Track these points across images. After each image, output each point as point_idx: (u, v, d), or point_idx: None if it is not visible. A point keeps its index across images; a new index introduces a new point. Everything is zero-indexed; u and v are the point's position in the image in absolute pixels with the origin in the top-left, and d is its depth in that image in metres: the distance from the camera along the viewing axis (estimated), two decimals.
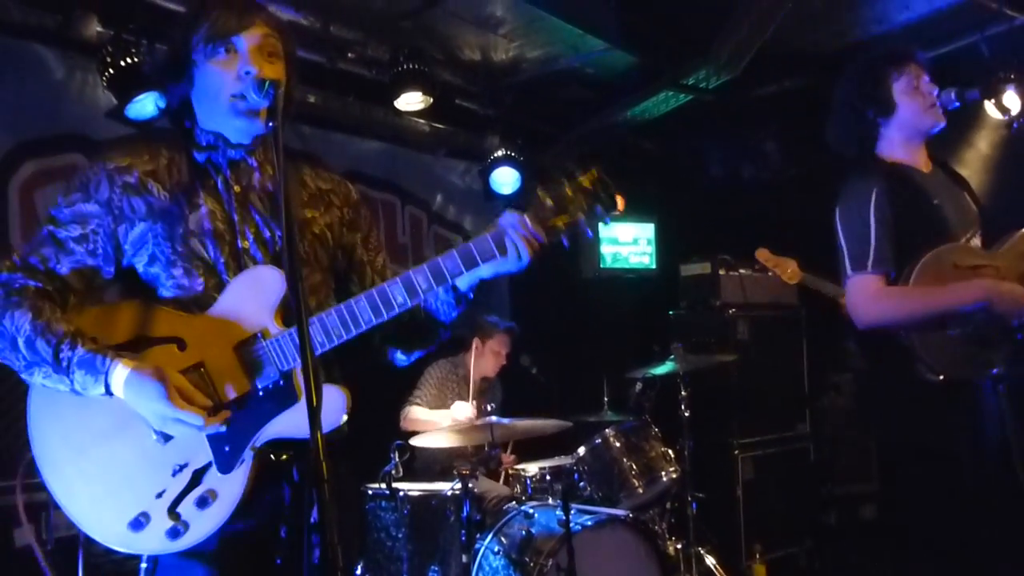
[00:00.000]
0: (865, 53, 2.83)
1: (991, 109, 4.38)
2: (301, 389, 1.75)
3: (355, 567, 2.29)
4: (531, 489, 4.12)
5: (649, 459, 4.16)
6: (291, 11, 4.27)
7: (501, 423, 3.84)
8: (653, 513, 4.14)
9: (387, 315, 1.80)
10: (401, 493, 3.85)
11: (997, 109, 4.32)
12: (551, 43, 5.02)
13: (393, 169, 5.67)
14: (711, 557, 4.30)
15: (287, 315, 1.80)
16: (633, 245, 6.33)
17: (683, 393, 4.46)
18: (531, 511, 3.73)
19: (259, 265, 1.86)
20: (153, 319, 1.82)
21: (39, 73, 4.09)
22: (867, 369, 2.73)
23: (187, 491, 1.76)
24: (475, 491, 3.60)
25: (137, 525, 1.75)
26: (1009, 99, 4.26)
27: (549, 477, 4.13)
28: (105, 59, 3.85)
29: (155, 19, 3.89)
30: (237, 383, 1.79)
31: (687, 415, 4.44)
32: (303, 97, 4.63)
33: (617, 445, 4.13)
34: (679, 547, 4.16)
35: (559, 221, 1.80)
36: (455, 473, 3.61)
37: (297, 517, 1.78)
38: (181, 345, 1.79)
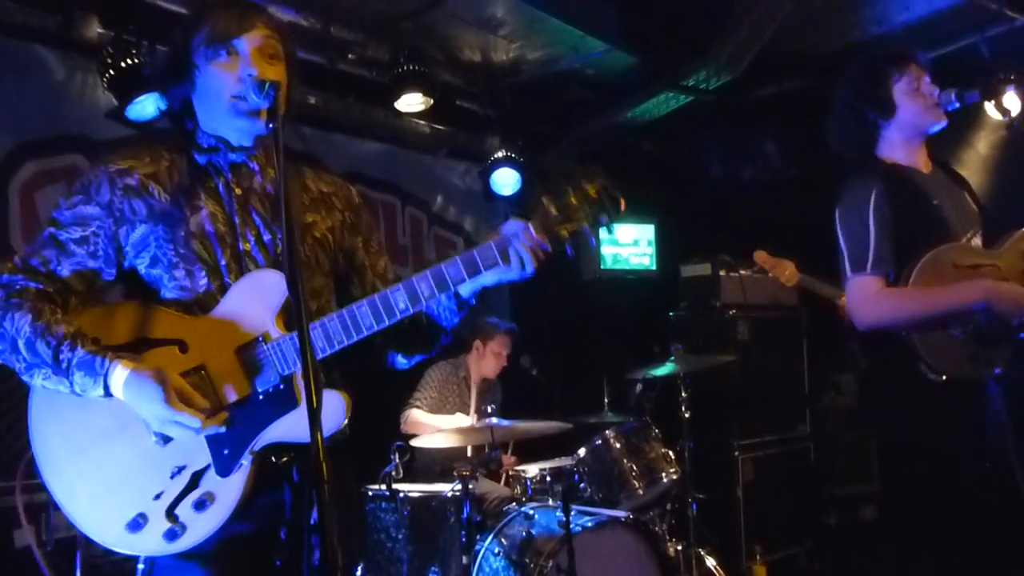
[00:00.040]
0: (865, 54, 2.83)
1: (991, 110, 4.38)
2: (301, 394, 1.75)
3: (356, 569, 2.29)
4: (531, 490, 4.12)
5: (649, 460, 4.15)
6: (291, 12, 4.28)
7: (501, 425, 3.84)
8: (653, 514, 4.13)
9: (389, 321, 1.79)
10: (401, 494, 3.85)
11: (997, 110, 4.31)
12: (551, 44, 5.02)
13: (393, 170, 5.67)
14: (711, 558, 4.29)
15: (289, 319, 1.80)
16: (633, 246, 6.32)
17: (683, 394, 4.45)
18: (531, 512, 3.73)
19: (262, 268, 1.86)
20: (155, 321, 1.82)
21: (40, 74, 4.09)
22: (869, 369, 2.72)
23: (185, 493, 1.76)
24: (475, 492, 3.60)
25: (135, 526, 1.75)
26: (1009, 100, 4.25)
27: (549, 478, 4.13)
28: (106, 60, 3.86)
29: (155, 20, 3.90)
30: (237, 386, 1.79)
31: (687, 416, 4.43)
32: (303, 98, 4.63)
33: (617, 446, 4.13)
34: (679, 548, 4.15)
35: (564, 230, 1.78)
36: (455, 474, 3.60)
37: (297, 519, 1.78)
38: (183, 347, 1.79)
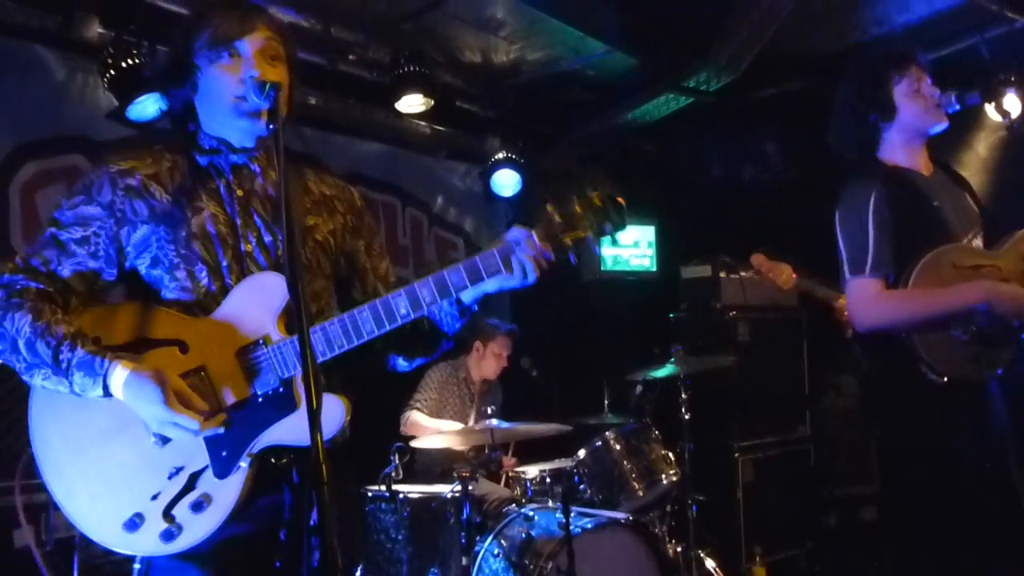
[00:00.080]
0: (865, 55, 2.83)
1: (991, 112, 4.38)
2: (300, 397, 1.75)
3: (355, 569, 2.29)
4: (531, 491, 4.12)
5: (649, 462, 4.15)
6: (292, 13, 4.28)
7: (501, 427, 3.84)
8: (653, 516, 4.13)
9: (389, 326, 1.79)
10: (401, 495, 3.85)
11: (997, 112, 4.30)
12: (552, 45, 5.02)
13: (394, 171, 5.67)
14: (711, 559, 4.29)
15: (290, 322, 1.80)
16: (633, 248, 6.32)
17: (683, 395, 4.44)
18: (531, 513, 3.73)
19: (263, 271, 1.86)
20: (156, 321, 1.82)
21: (40, 74, 4.09)
22: (871, 370, 2.72)
23: (182, 494, 1.76)
24: (475, 493, 3.59)
25: (132, 526, 1.75)
26: (1009, 102, 4.25)
27: (549, 480, 4.12)
28: (106, 61, 3.86)
29: (156, 21, 3.89)
30: (237, 388, 1.79)
31: (687, 417, 4.42)
32: (304, 99, 4.63)
33: (617, 448, 4.13)
34: (679, 550, 4.15)
35: (568, 238, 1.78)
36: (455, 475, 3.60)
37: (297, 520, 1.78)
38: (183, 348, 1.80)
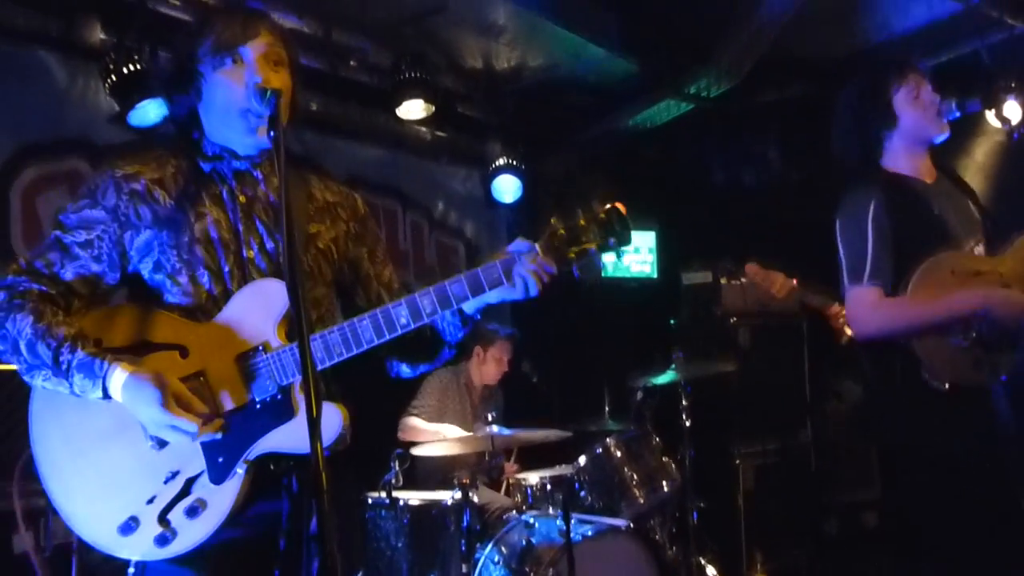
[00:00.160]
0: (866, 61, 2.83)
1: (991, 119, 4.38)
2: (298, 404, 1.75)
3: None
4: (532, 498, 4.10)
5: (650, 468, 4.14)
6: (293, 18, 4.29)
7: (502, 434, 3.83)
8: (654, 522, 4.13)
9: (389, 336, 1.79)
10: (401, 502, 3.84)
11: (997, 119, 4.31)
12: (552, 51, 5.03)
13: (394, 175, 5.68)
14: (712, 566, 4.28)
15: (290, 329, 1.80)
16: (634, 253, 6.30)
17: (684, 402, 4.44)
18: (531, 520, 3.71)
19: (265, 277, 1.86)
20: (157, 324, 1.82)
21: (42, 78, 4.10)
22: (872, 376, 2.72)
23: (178, 499, 1.75)
24: (475, 500, 3.59)
25: (127, 529, 1.75)
26: (1010, 109, 4.26)
27: (550, 486, 4.11)
28: (108, 65, 3.87)
29: (157, 25, 3.90)
30: (235, 394, 1.78)
31: (688, 424, 4.42)
32: (305, 104, 4.63)
33: (618, 454, 4.12)
34: (680, 556, 4.14)
35: (571, 252, 1.77)
36: (455, 482, 3.60)
37: (296, 528, 1.77)
38: (183, 352, 1.80)
